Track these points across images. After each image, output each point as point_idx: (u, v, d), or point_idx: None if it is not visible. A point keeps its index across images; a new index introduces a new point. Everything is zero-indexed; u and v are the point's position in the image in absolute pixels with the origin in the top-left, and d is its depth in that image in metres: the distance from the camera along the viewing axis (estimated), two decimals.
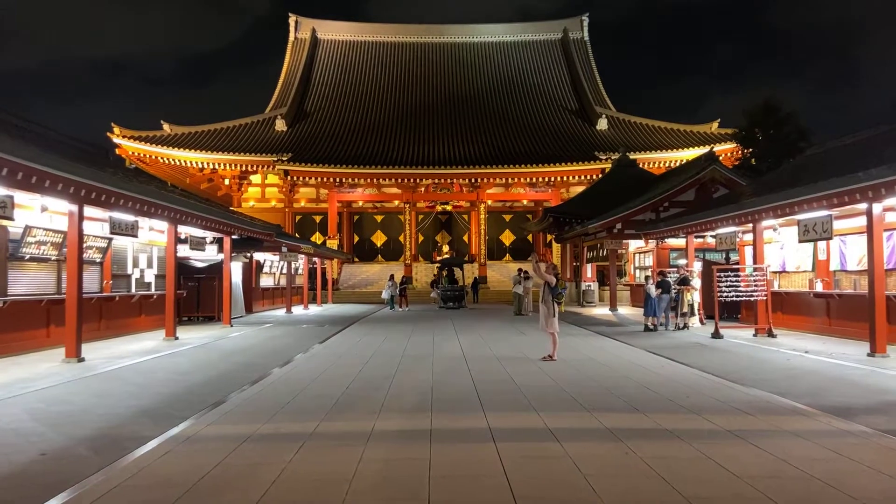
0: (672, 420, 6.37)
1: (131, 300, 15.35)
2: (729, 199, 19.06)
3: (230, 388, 8.33)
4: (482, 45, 64.25)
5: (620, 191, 30.19)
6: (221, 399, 7.53)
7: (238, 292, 22.10)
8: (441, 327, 18.23)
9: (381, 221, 52.70)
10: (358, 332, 16.63)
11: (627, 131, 50.53)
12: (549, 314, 10.85)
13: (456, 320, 21.11)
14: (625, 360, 10.98)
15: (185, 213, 13.81)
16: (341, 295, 41.70)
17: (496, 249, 51.20)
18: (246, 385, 8.50)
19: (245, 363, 10.90)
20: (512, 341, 14.13)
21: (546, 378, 9.04)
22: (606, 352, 12.30)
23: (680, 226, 17.36)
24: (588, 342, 13.96)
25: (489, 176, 44.65)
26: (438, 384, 8.57)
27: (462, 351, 12.48)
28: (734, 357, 11.56)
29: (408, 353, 11.89)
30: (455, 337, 15.24)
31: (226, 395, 7.81)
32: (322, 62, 61.67)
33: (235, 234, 17.73)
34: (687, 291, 16.58)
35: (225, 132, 49.56)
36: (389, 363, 10.58)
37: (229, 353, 12.08)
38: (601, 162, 43.85)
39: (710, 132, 49.05)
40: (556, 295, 10.93)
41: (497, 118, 52.66)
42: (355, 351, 12.47)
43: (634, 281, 28.93)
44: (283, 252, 24.33)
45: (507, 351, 12.48)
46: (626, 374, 9.40)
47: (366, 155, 45.73)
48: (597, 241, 28.00)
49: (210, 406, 7.16)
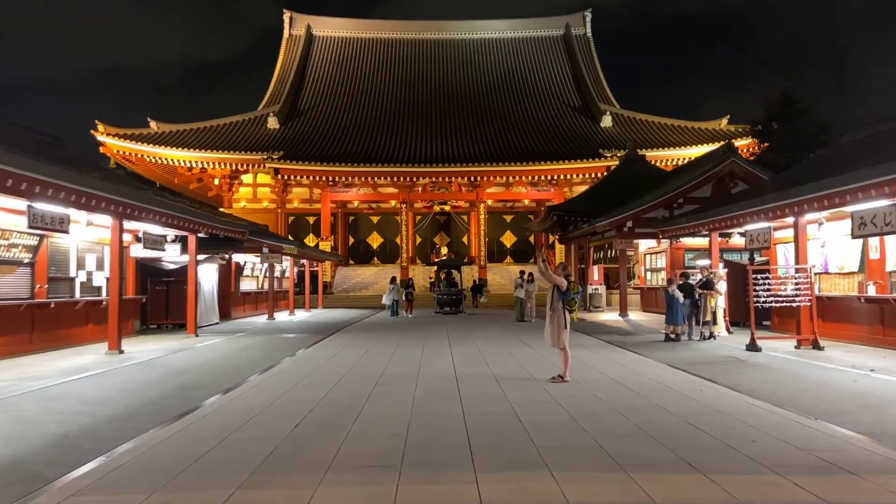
0: (750, 488, 4.36)
1: (74, 307, 13.35)
2: (751, 194, 17.08)
3: (145, 425, 6.34)
4: (482, 41, 62.46)
5: (629, 188, 28.24)
6: (116, 445, 5.54)
7: (211, 297, 20.11)
8: (434, 337, 16.23)
9: (377, 222, 50.75)
10: (339, 343, 14.63)
11: (633, 128, 48.62)
12: (560, 326, 8.82)
13: (452, 328, 19.12)
14: (652, 381, 8.97)
15: (132, 207, 11.82)
16: (334, 299, 39.72)
17: (497, 251, 49.27)
18: (167, 421, 6.51)
19: (185, 386, 8.90)
20: (514, 355, 12.13)
21: (558, 410, 7.04)
22: (627, 368, 10.29)
23: (705, 221, 15.34)
24: (603, 355, 11.95)
25: (489, 174, 42.70)
26: (419, 419, 6.58)
27: (454, 368, 10.49)
28: (784, 377, 9.54)
29: (388, 372, 9.88)
30: (448, 349, 13.23)
31: (130, 438, 5.82)
32: (317, 59, 59.88)
33: (202, 231, 15.75)
34: (710, 296, 14.56)
35: (214, 130, 47.67)
36: (363, 385, 8.58)
37: (174, 373, 10.08)
38: (606, 159, 41.93)
39: (719, 128, 47.17)
40: (566, 301, 8.87)
41: (497, 115, 50.75)
42: (328, 367, 10.47)
43: (645, 284, 26.92)
44: (264, 253, 22.35)
45: (508, 368, 10.49)
46: (659, 403, 7.39)
47: (361, 153, 43.84)
48: (604, 242, 26.00)
49: (93, 457, 5.17)
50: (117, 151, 44.34)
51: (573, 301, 8.94)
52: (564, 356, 8.98)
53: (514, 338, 15.75)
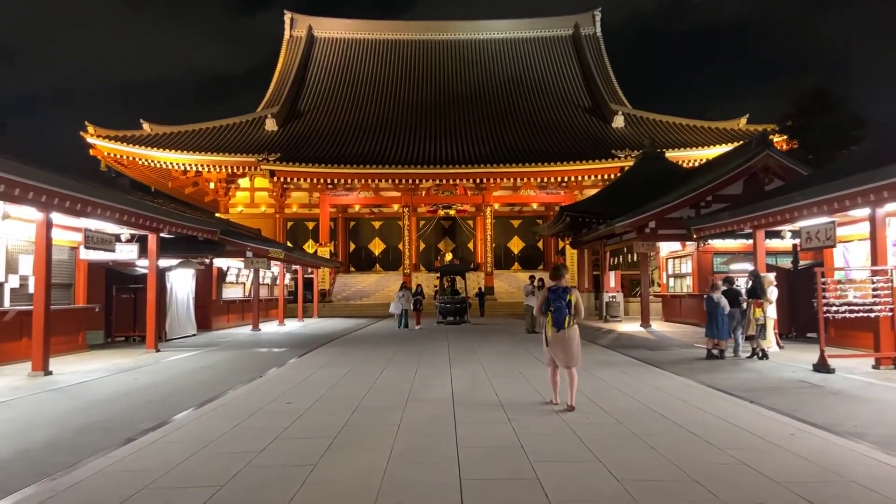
0: None
1: (2, 318, 11.20)
2: (789, 189, 14.82)
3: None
4: (487, 41, 60.58)
5: (647, 187, 25.98)
6: None
7: (185, 306, 17.94)
8: (432, 351, 14.00)
9: (379, 228, 48.62)
10: (319, 360, 12.42)
11: (646, 129, 46.39)
12: (579, 339, 7.30)
13: (454, 341, 16.88)
14: (710, 417, 6.71)
15: (62, 197, 9.64)
16: (333, 308, 37.56)
17: (504, 258, 47.03)
18: (11, 492, 4.33)
19: (87, 428, 6.69)
20: (527, 375, 9.88)
21: (587, 458, 4.84)
22: (670, 396, 8.03)
23: (753, 215, 13.01)
24: (637, 377, 9.69)
25: (496, 176, 40.55)
26: (396, 480, 4.37)
27: (453, 393, 8.28)
28: (891, 411, 7.26)
29: (366, 404, 7.66)
30: (447, 368, 11.00)
31: None
32: (318, 61, 58.08)
33: (165, 230, 13.61)
34: (757, 306, 12.28)
35: (210, 132, 45.74)
36: (325, 427, 6.36)
37: (90, 406, 7.85)
38: (619, 160, 39.77)
39: (738, 128, 44.88)
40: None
41: (504, 117, 48.68)
42: (291, 396, 8.27)
43: (668, 291, 24.59)
44: (247, 258, 20.20)
45: (518, 392, 8.28)
46: (738, 457, 5.14)
47: (362, 155, 41.79)
48: (622, 245, 23.72)
49: None
50: (108, 154, 42.55)
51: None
52: (574, 377, 7.34)
53: (524, 352, 13.51)
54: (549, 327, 7.30)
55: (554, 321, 7.20)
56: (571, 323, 7.20)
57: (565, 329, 7.17)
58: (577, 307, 7.20)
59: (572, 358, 7.25)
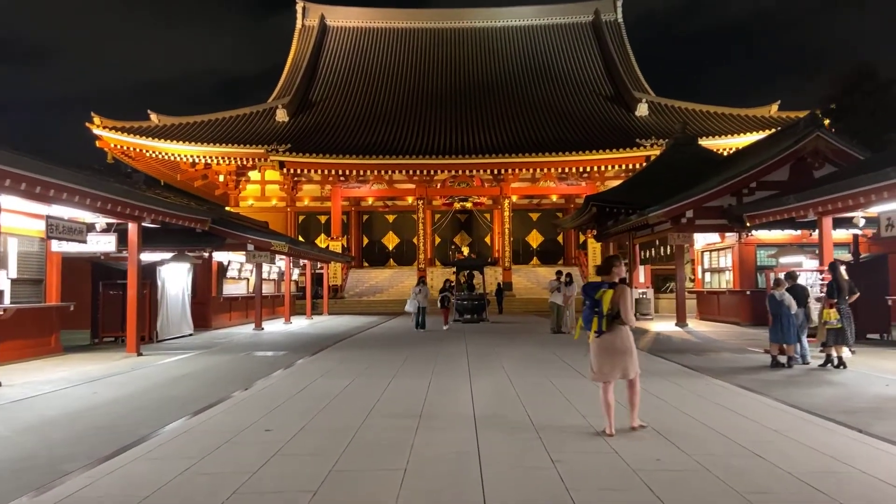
0: None
1: None
2: (852, 173, 12.97)
3: None
4: (505, 29, 58.77)
5: (678, 176, 24.08)
6: None
7: (180, 304, 16.46)
8: (448, 356, 12.38)
9: (393, 221, 47.06)
10: (320, 367, 10.85)
11: (671, 117, 44.32)
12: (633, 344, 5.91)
13: (472, 342, 15.24)
14: (823, 458, 5.02)
15: (3, 175, 8.12)
16: (345, 304, 36.12)
17: (522, 252, 45.31)
18: None
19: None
20: (563, 389, 8.23)
21: None
22: (754, 423, 6.31)
23: (824, 198, 11.18)
24: (698, 394, 7.97)
25: (515, 166, 38.81)
26: None
27: (475, 416, 6.65)
28: None
29: (366, 434, 6.04)
30: (466, 378, 9.38)
31: None
32: (330, 50, 56.59)
33: (147, 219, 12.11)
34: (830, 306, 10.48)
35: (219, 123, 44.47)
36: (310, 473, 4.76)
37: (22, 431, 6.23)
38: (644, 149, 37.96)
39: (769, 115, 42.67)
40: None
41: (523, 105, 46.86)
42: (277, 417, 6.69)
43: (703, 287, 22.74)
44: (249, 251, 18.70)
45: (556, 414, 6.66)
46: None
47: (375, 145, 40.26)
48: (654, 237, 21.91)
49: None
50: (115, 146, 41.47)
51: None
52: (635, 387, 6.06)
53: (555, 358, 11.84)
54: (578, 330, 6.22)
55: (584, 322, 6.01)
56: (606, 325, 5.82)
57: (605, 333, 5.83)
58: (618, 306, 5.80)
59: (626, 369, 5.90)
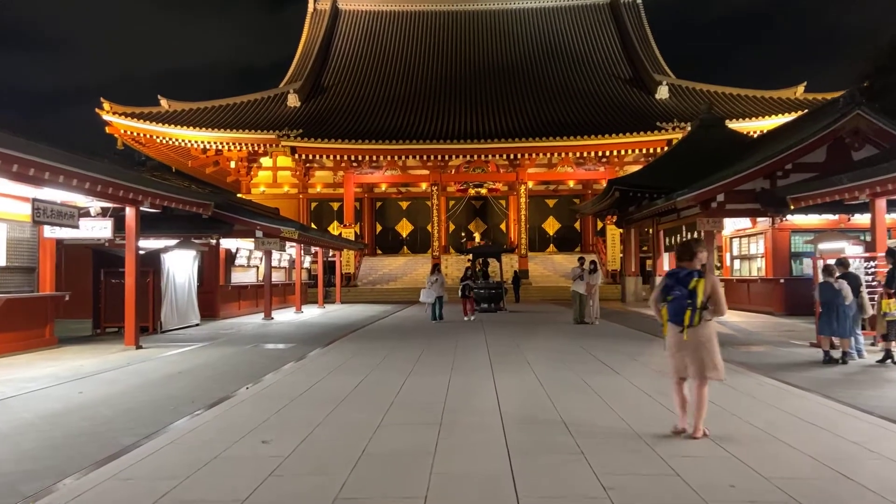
0: None
1: None
2: None
3: None
4: (520, 11, 57.48)
5: (704, 159, 23.07)
6: None
7: (186, 293, 15.79)
8: (468, 347, 11.59)
9: (407, 208, 46.28)
10: (329, 362, 10.09)
11: (692, 100, 43.12)
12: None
13: (492, 334, 14.42)
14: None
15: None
16: (358, 293, 35.45)
17: (538, 239, 44.39)
18: None
19: None
20: (597, 389, 7.38)
21: None
22: (825, 431, 5.45)
23: (886, 177, 10.18)
24: (753, 396, 7.08)
25: (531, 151, 37.81)
26: None
27: (503, 422, 5.84)
28: None
29: (378, 446, 5.27)
30: (489, 374, 8.57)
31: None
32: (343, 34, 55.65)
33: (145, 203, 11.38)
34: (889, 296, 9.54)
35: (230, 108, 43.80)
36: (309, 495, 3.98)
37: None
38: (665, 132, 36.83)
39: (794, 97, 41.36)
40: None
41: (539, 89, 45.72)
42: (277, 424, 5.93)
43: (732, 275, 21.73)
44: (258, 238, 17.98)
45: (591, 411, 5.85)
46: None
47: (388, 130, 39.41)
48: (680, 223, 20.94)
49: None
50: (125, 132, 41.00)
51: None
52: (703, 396, 5.17)
53: (582, 351, 10.99)
54: (665, 324, 5.29)
55: (670, 315, 5.17)
56: (698, 319, 5.04)
57: (690, 327, 5.05)
58: (711, 298, 5.04)
59: (703, 366, 5.12)
